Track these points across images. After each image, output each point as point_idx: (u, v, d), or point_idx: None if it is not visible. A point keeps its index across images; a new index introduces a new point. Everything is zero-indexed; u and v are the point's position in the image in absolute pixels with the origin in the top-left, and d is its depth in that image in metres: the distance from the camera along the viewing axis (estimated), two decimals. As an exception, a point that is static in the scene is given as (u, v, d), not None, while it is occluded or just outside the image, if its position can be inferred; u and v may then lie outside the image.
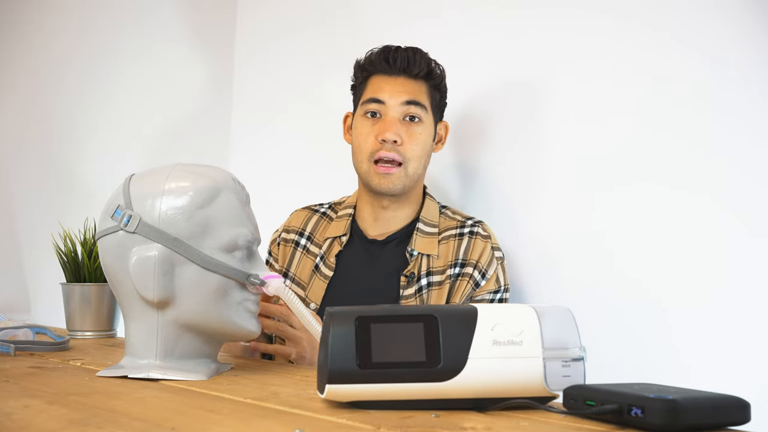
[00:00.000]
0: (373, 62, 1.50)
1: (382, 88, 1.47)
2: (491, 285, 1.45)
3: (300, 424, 0.71)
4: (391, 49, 1.49)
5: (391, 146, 1.43)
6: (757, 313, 1.26)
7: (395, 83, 1.47)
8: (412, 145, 1.45)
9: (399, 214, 1.51)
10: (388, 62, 1.48)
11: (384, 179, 1.45)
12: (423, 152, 1.47)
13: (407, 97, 1.45)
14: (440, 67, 1.52)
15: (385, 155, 1.43)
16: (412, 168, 1.46)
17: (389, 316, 0.77)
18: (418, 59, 1.47)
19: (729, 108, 1.31)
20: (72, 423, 0.70)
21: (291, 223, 1.60)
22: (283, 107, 2.21)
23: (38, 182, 2.15)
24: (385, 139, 1.43)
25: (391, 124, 1.44)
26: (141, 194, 1.00)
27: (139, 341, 1.00)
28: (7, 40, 2.16)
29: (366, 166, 1.47)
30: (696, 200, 1.34)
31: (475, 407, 0.77)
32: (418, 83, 1.48)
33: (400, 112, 1.45)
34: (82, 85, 2.19)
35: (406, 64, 1.47)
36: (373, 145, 1.45)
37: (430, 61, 1.50)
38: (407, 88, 1.47)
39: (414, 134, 1.45)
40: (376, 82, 1.49)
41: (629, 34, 1.44)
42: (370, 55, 1.51)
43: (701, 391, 0.71)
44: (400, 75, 1.47)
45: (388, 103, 1.45)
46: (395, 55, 1.48)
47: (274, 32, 2.26)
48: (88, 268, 1.57)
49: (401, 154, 1.44)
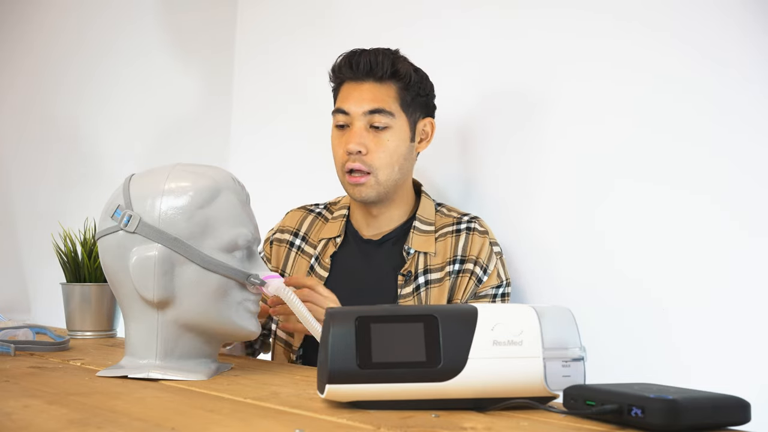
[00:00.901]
0: (341, 68, 1.48)
1: (348, 97, 1.45)
2: (493, 280, 1.45)
3: (300, 424, 0.71)
4: (356, 53, 1.46)
5: (356, 156, 1.43)
6: (757, 313, 1.26)
7: (361, 91, 1.44)
8: (378, 153, 1.43)
9: (392, 215, 1.51)
10: (351, 68, 1.45)
11: (356, 189, 1.45)
12: (393, 158, 1.44)
13: (370, 105, 1.43)
14: (407, 65, 1.47)
15: (352, 166, 1.43)
16: (383, 175, 1.44)
17: (389, 316, 0.78)
18: (381, 61, 1.44)
19: (730, 107, 1.31)
20: (72, 423, 0.70)
21: (285, 224, 1.60)
22: (283, 107, 2.21)
23: (38, 182, 2.16)
24: (350, 150, 1.43)
25: (354, 135, 1.43)
26: (141, 194, 1.00)
27: (139, 341, 1.00)
28: (6, 40, 2.16)
29: (342, 177, 1.47)
30: (696, 200, 1.34)
31: (475, 407, 0.77)
32: (384, 86, 1.45)
33: (365, 122, 1.44)
34: (81, 85, 2.19)
35: (369, 67, 1.44)
36: (342, 156, 1.45)
37: (396, 60, 1.46)
38: (372, 94, 1.44)
39: (381, 142, 1.43)
40: (344, 90, 1.47)
41: (629, 34, 1.44)
42: (338, 60, 1.49)
43: (701, 391, 0.71)
44: (365, 80, 1.45)
45: (352, 113, 1.44)
46: (358, 59, 1.45)
47: (273, 32, 2.26)
48: (88, 268, 1.57)
49: (367, 163, 1.43)
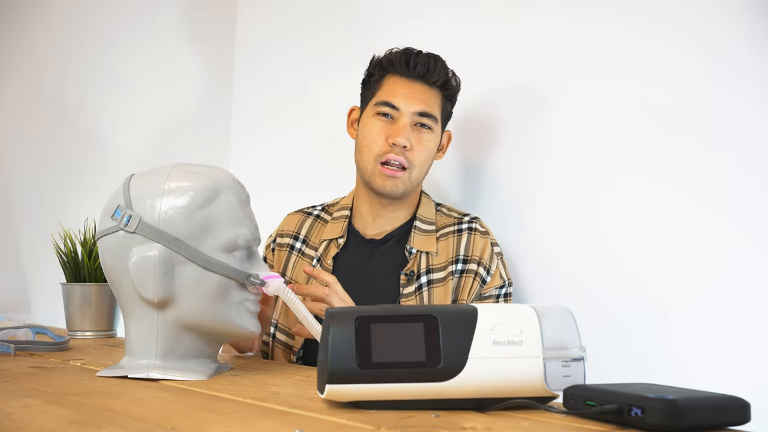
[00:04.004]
0: (392, 62, 1.48)
1: (397, 92, 1.46)
2: (496, 281, 1.46)
3: (300, 424, 0.71)
4: (413, 52, 1.48)
5: (400, 150, 1.43)
6: (757, 313, 1.26)
7: (411, 89, 1.46)
8: (419, 151, 1.45)
9: (397, 215, 1.52)
10: (407, 65, 1.46)
11: (388, 181, 1.45)
12: (428, 159, 1.48)
13: (421, 107, 1.45)
14: (457, 79, 1.51)
15: (394, 158, 1.43)
16: (416, 173, 1.46)
17: (389, 316, 0.78)
18: (437, 68, 1.46)
19: (732, 107, 1.31)
20: (72, 423, 0.70)
21: (284, 227, 1.60)
22: (283, 108, 2.21)
23: (38, 182, 2.16)
24: (396, 143, 1.43)
25: (403, 129, 1.44)
26: (141, 194, 1.00)
27: (139, 341, 1.00)
28: (6, 39, 2.16)
29: (371, 166, 1.46)
30: (696, 200, 1.34)
31: (475, 407, 0.77)
32: (433, 91, 1.47)
33: (412, 120, 1.45)
34: (81, 85, 2.19)
35: (425, 70, 1.46)
36: (382, 146, 1.45)
37: (448, 71, 1.49)
38: (422, 96, 1.46)
39: (423, 141, 1.45)
40: (392, 83, 1.47)
41: (631, 33, 1.44)
42: (390, 53, 1.50)
43: (701, 391, 0.71)
44: (417, 80, 1.46)
45: (402, 109, 1.44)
46: (416, 59, 1.46)
47: (274, 32, 2.26)
48: (88, 268, 1.57)
49: (408, 159, 1.44)
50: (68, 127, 2.18)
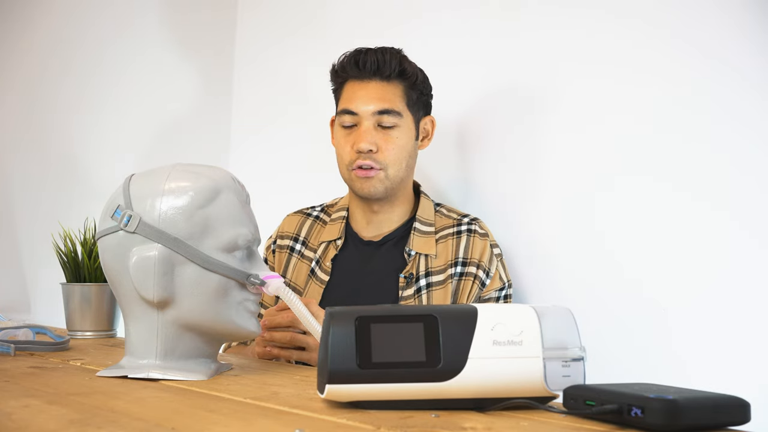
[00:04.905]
0: (344, 67, 1.47)
1: (354, 97, 1.45)
2: (496, 283, 1.46)
3: (300, 424, 0.71)
4: (362, 51, 1.46)
5: (366, 155, 1.43)
6: (757, 313, 1.26)
7: (367, 89, 1.45)
8: (388, 150, 1.44)
9: (391, 216, 1.51)
10: (358, 66, 1.45)
11: (366, 183, 1.44)
12: (402, 155, 1.45)
13: (379, 105, 1.43)
14: (413, 65, 1.48)
15: (362, 164, 1.43)
16: (392, 171, 1.45)
17: (389, 316, 0.77)
18: (388, 59, 1.44)
19: (731, 107, 1.31)
20: (72, 423, 0.70)
21: (284, 229, 1.59)
22: (283, 108, 2.21)
23: (38, 182, 2.16)
24: (360, 149, 1.43)
25: (364, 134, 1.43)
26: (141, 194, 1.00)
27: (139, 341, 1.00)
28: (6, 40, 2.16)
29: (347, 174, 1.47)
30: (696, 200, 1.34)
31: (475, 407, 0.77)
32: (391, 85, 1.45)
33: (373, 121, 1.44)
34: (82, 86, 2.19)
35: (376, 66, 1.44)
36: (350, 154, 1.45)
37: (402, 59, 1.47)
38: (380, 93, 1.44)
39: (390, 140, 1.44)
40: (349, 89, 1.47)
41: (630, 33, 1.44)
42: (342, 59, 1.49)
43: (701, 391, 0.71)
44: (372, 78, 1.45)
45: (360, 113, 1.44)
46: (365, 58, 1.45)
47: (274, 33, 2.26)
48: (88, 268, 1.57)
49: (378, 161, 1.44)
50: (69, 127, 2.18)
